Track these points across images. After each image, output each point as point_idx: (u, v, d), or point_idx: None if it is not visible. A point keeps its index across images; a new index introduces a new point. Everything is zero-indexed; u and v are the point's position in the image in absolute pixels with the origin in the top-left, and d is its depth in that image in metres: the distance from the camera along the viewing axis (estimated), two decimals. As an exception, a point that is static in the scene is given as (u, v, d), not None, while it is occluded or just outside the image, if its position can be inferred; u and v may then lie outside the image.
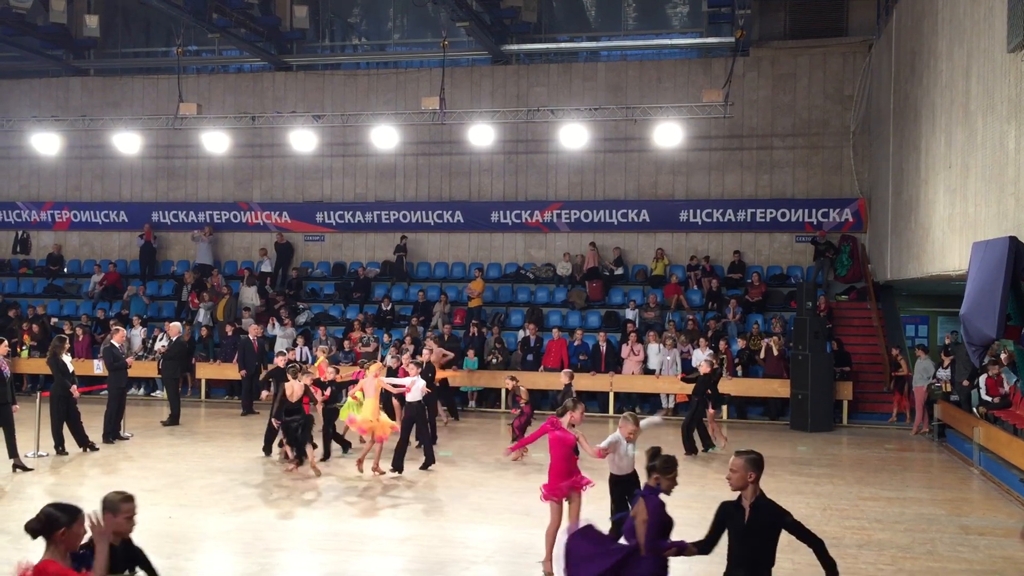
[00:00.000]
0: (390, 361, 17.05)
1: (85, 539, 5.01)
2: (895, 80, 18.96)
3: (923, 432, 17.90)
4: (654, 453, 6.22)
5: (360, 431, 13.71)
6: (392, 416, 14.70)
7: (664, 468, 6.07)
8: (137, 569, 5.42)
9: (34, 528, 4.91)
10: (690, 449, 14.99)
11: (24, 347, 21.98)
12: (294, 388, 13.06)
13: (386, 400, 15.06)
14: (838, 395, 19.07)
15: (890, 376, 19.33)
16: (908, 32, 17.85)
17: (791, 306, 21.18)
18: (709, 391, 15.47)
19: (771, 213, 22.77)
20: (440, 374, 17.19)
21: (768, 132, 22.91)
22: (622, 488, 8.99)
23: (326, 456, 14.04)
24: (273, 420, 13.70)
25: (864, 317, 21.57)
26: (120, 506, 5.31)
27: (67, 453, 14.23)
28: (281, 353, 14.22)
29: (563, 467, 8.77)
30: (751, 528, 5.64)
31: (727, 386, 19.42)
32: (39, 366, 20.23)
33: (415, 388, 13.10)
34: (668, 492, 6.06)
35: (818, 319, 19.00)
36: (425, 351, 16.94)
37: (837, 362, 19.16)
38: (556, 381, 19.71)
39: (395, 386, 13.74)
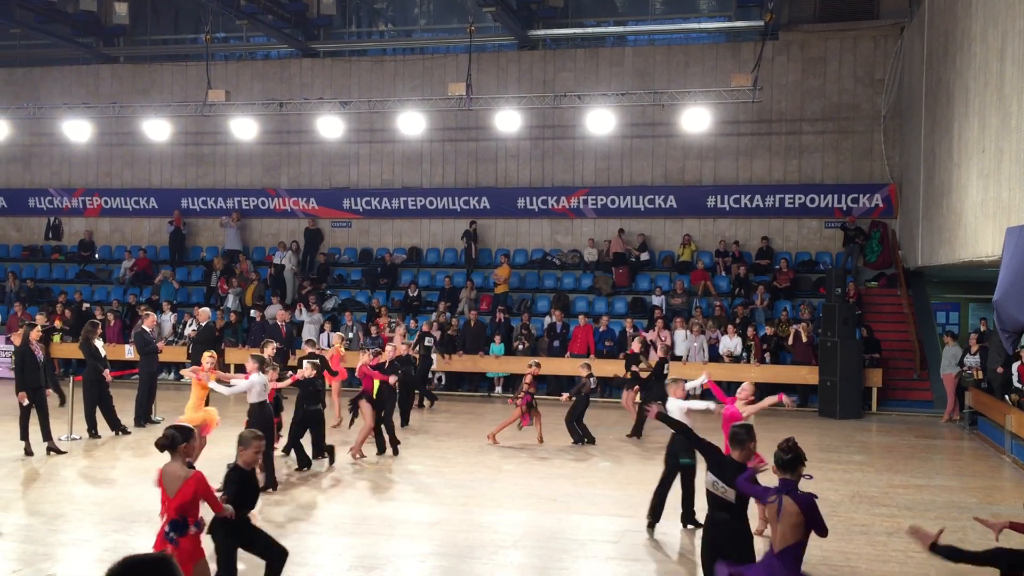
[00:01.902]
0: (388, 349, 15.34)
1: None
2: (927, 63, 18.70)
3: (954, 420, 17.74)
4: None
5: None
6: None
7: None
8: None
9: (163, 444, 6.26)
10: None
11: (57, 332, 22.28)
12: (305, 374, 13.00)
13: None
14: (867, 382, 18.93)
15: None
16: (941, 14, 17.59)
17: (820, 292, 21.02)
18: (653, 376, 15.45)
19: (800, 199, 22.57)
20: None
21: (797, 117, 22.69)
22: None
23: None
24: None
25: (894, 304, 21.37)
26: (251, 442, 6.77)
27: (99, 436, 14.43)
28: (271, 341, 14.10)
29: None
30: None
31: (755, 372, 19.38)
32: (72, 351, 20.54)
33: (254, 389, 11.20)
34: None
35: (847, 305, 18.86)
36: (389, 348, 15.11)
37: (866, 349, 19.01)
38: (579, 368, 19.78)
39: (230, 384, 11.69)
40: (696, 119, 19.71)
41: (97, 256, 26.42)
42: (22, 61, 26.95)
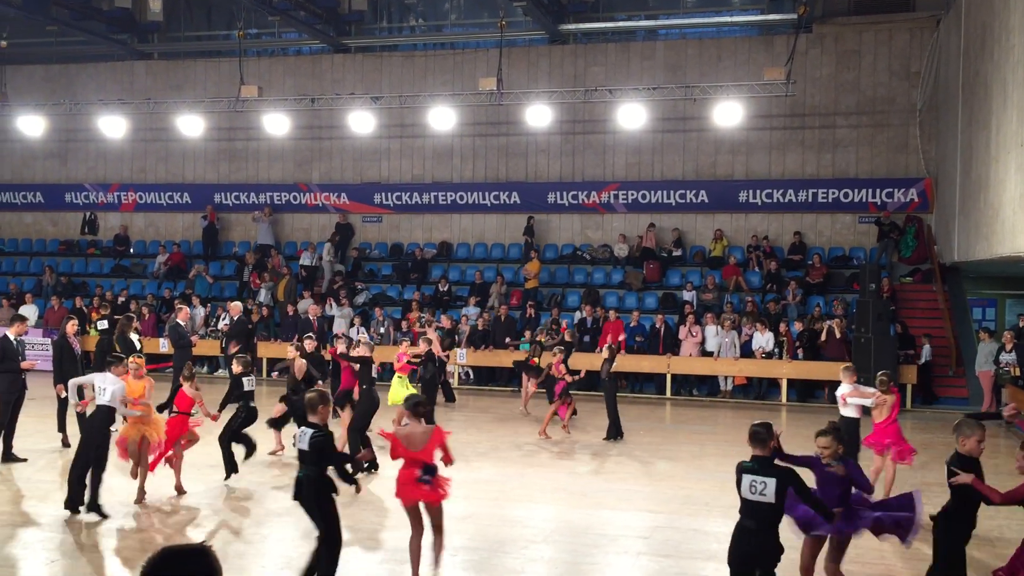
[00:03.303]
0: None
1: None
2: (964, 56, 18.42)
3: (990, 417, 17.47)
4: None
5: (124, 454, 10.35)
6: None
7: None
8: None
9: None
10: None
11: (93, 325, 22.58)
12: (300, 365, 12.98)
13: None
14: (902, 379, 18.66)
15: None
16: (978, 6, 17.31)
17: (854, 288, 20.80)
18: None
19: (833, 193, 22.33)
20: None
21: (831, 111, 22.44)
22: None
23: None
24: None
25: (929, 299, 21.10)
26: (326, 398, 7.39)
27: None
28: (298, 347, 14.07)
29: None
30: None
31: (787, 369, 19.23)
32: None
33: (109, 392, 9.79)
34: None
35: (881, 301, 18.64)
36: (423, 342, 15.36)
37: (901, 345, 18.79)
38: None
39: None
40: (728, 113, 19.58)
41: (132, 251, 26.73)
42: (58, 58, 27.30)
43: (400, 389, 14.40)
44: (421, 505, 7.63)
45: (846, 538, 7.22)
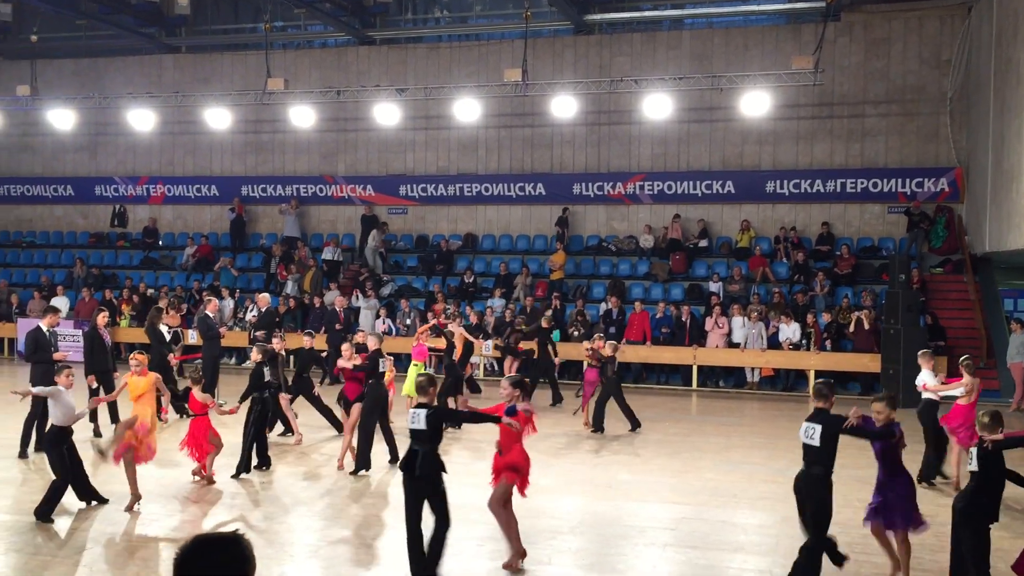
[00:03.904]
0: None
1: None
2: (996, 43, 18.16)
3: (1022, 409, 17.28)
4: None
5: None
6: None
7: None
8: None
9: (423, 385, 7.73)
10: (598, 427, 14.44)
11: (123, 317, 22.87)
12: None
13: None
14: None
15: None
16: (1012, -8, 17.06)
17: (883, 279, 20.60)
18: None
19: (862, 183, 22.11)
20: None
21: (860, 99, 22.20)
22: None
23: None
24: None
25: (960, 290, 20.86)
26: (434, 381, 7.88)
27: (165, 422, 14.73)
28: (279, 338, 14.00)
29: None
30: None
31: (815, 360, 19.07)
32: (137, 335, 21.02)
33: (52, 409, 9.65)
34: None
35: (911, 292, 18.46)
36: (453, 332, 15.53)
37: (931, 336, 18.60)
38: (635, 354, 19.69)
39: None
40: (755, 103, 19.43)
41: (161, 243, 26.98)
42: (87, 52, 27.55)
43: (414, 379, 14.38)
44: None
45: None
